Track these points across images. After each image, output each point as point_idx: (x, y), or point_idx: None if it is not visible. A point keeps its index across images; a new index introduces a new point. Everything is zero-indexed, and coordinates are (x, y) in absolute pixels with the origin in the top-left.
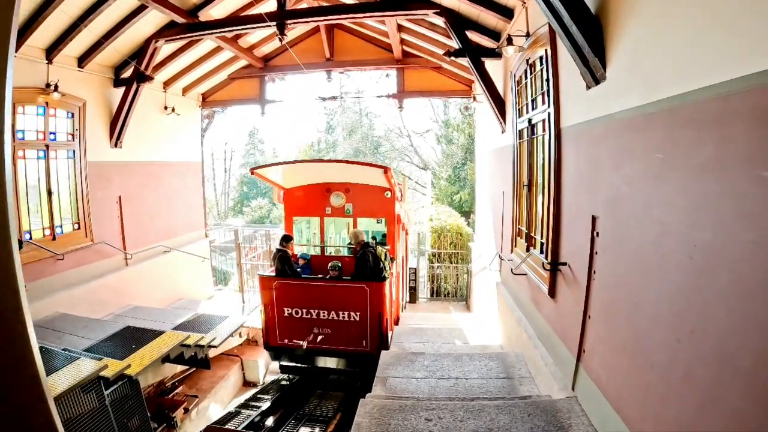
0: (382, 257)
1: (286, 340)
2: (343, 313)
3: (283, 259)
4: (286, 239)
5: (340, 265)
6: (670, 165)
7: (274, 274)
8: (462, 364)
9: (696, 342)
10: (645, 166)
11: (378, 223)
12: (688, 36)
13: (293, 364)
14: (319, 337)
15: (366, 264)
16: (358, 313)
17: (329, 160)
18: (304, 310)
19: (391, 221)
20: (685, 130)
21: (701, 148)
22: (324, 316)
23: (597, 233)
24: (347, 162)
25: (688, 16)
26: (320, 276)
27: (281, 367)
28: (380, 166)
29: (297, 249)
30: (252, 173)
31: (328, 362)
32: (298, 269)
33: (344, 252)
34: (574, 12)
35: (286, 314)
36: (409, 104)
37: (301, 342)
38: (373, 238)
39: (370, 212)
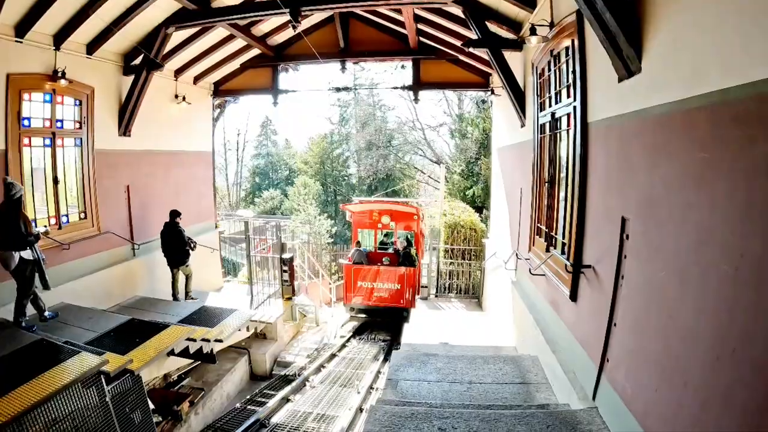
0: (413, 253)
1: (356, 300)
2: (390, 284)
3: (359, 254)
4: (359, 243)
5: (389, 259)
6: (714, 165)
7: (351, 262)
8: (476, 367)
9: (738, 362)
10: (685, 166)
11: (409, 234)
12: (741, 23)
13: (359, 314)
14: (376, 296)
15: (407, 257)
16: (399, 285)
17: (384, 201)
18: (369, 283)
19: (416, 233)
20: (734, 127)
21: (753, 147)
22: (380, 286)
23: (627, 236)
24: (394, 202)
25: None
26: (378, 264)
27: (351, 317)
28: (413, 206)
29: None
30: (343, 208)
31: (380, 312)
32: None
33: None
34: None
35: (358, 285)
36: (423, 97)
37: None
38: (406, 239)
39: (405, 228)
